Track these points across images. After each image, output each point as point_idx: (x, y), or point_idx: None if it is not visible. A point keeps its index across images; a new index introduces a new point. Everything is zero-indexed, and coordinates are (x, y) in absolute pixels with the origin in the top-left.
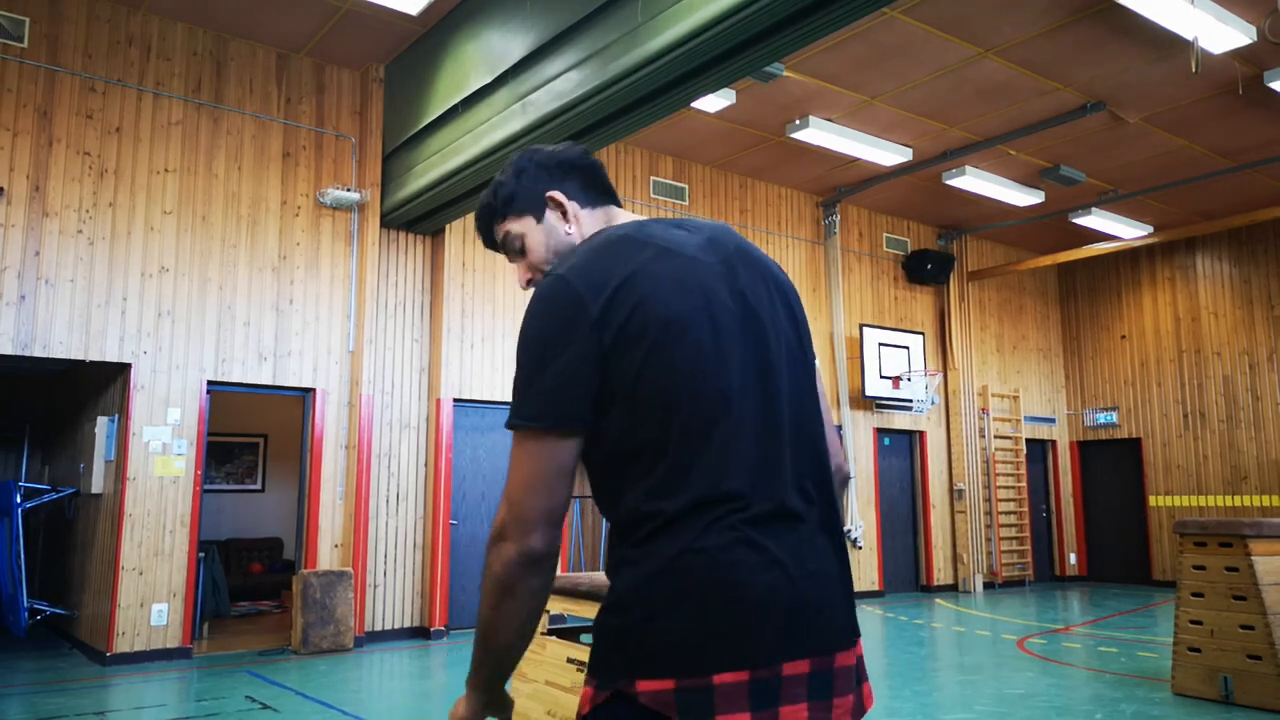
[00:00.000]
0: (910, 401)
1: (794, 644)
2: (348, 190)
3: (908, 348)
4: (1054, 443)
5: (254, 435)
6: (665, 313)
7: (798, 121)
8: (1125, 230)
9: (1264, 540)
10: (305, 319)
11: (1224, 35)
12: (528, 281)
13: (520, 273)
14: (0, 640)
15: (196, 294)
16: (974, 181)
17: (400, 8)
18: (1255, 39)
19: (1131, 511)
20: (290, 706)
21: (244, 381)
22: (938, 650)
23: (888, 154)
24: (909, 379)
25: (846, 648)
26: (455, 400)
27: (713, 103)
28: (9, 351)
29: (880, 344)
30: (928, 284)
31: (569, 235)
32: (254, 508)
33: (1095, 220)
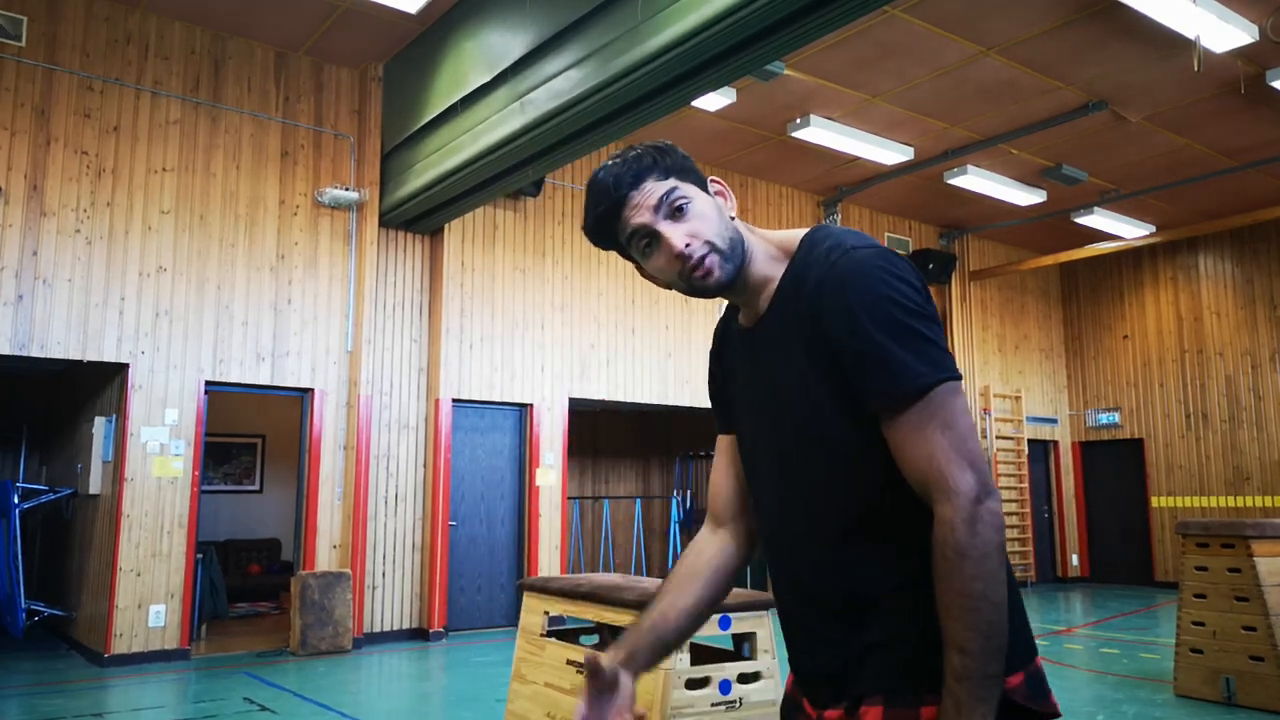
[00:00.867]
0: None
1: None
2: (346, 189)
3: None
4: (1056, 443)
5: (252, 436)
6: None
7: (798, 120)
8: (1127, 230)
9: (1266, 541)
10: (303, 319)
11: (1226, 34)
12: (685, 247)
13: (676, 237)
14: None
15: (194, 294)
16: (976, 181)
17: (399, 6)
18: (1257, 38)
19: (1134, 512)
20: (288, 708)
21: (242, 382)
22: None
23: (889, 153)
24: None
25: None
26: (454, 400)
27: (713, 101)
28: (6, 351)
29: None
30: (929, 283)
31: (734, 221)
32: (252, 508)
33: (1097, 220)
